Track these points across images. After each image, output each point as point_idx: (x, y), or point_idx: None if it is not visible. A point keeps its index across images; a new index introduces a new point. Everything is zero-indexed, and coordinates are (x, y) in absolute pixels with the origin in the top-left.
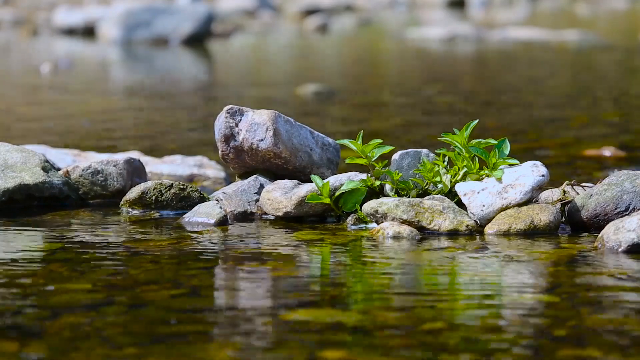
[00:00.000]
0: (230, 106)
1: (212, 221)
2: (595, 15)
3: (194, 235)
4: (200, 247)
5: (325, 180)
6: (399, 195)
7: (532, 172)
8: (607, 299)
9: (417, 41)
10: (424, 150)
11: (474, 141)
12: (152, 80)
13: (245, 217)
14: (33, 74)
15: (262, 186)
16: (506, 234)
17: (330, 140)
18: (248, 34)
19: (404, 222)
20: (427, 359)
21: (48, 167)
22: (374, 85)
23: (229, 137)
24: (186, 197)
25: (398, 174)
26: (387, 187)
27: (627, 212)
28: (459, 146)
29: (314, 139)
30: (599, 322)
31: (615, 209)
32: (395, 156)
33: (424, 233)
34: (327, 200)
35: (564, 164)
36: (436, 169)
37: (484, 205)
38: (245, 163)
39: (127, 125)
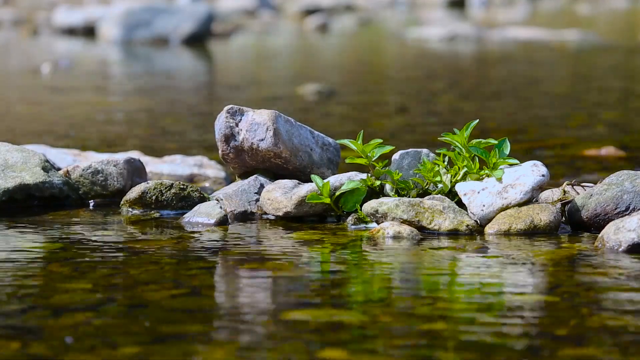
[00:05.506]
0: (230, 106)
1: (212, 221)
2: (595, 15)
3: (194, 235)
4: (200, 247)
5: (325, 180)
6: (399, 195)
7: (532, 171)
8: (607, 299)
9: (417, 41)
10: (424, 150)
11: (474, 141)
12: (152, 80)
13: (245, 217)
14: (33, 74)
15: (262, 186)
16: (506, 234)
17: (331, 140)
18: (248, 34)
19: (404, 222)
20: (427, 359)
21: (48, 167)
22: (375, 85)
23: (229, 137)
24: (186, 196)
25: (398, 173)
26: (388, 187)
27: (628, 212)
28: (459, 146)
29: (314, 138)
30: (599, 322)
31: (616, 208)
32: (396, 156)
33: (424, 233)
34: (327, 200)
35: (564, 164)
36: (436, 168)
37: (484, 205)
38: (245, 163)
39: (127, 125)
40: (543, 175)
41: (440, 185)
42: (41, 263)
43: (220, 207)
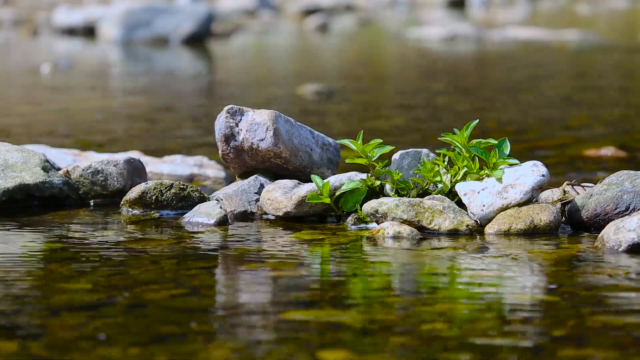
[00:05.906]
0: (230, 106)
1: (212, 221)
2: (595, 15)
3: (194, 235)
4: (200, 247)
5: (325, 180)
6: (399, 195)
7: (532, 171)
8: (607, 299)
9: (417, 41)
10: (424, 150)
11: (474, 141)
12: (152, 80)
13: (245, 217)
14: (33, 74)
15: (262, 186)
16: (506, 234)
17: (331, 140)
18: (248, 34)
19: (404, 222)
20: (427, 359)
21: (48, 167)
22: (374, 85)
23: (229, 137)
24: (186, 197)
25: (398, 173)
26: (388, 187)
27: (628, 212)
28: (459, 146)
29: (314, 138)
30: (599, 322)
31: (616, 208)
32: (396, 156)
33: (424, 233)
34: (327, 200)
35: (564, 164)
36: (436, 168)
37: (484, 205)
38: (245, 163)
39: (127, 125)
40: (543, 175)
41: (440, 185)
42: (41, 263)
43: (220, 207)
